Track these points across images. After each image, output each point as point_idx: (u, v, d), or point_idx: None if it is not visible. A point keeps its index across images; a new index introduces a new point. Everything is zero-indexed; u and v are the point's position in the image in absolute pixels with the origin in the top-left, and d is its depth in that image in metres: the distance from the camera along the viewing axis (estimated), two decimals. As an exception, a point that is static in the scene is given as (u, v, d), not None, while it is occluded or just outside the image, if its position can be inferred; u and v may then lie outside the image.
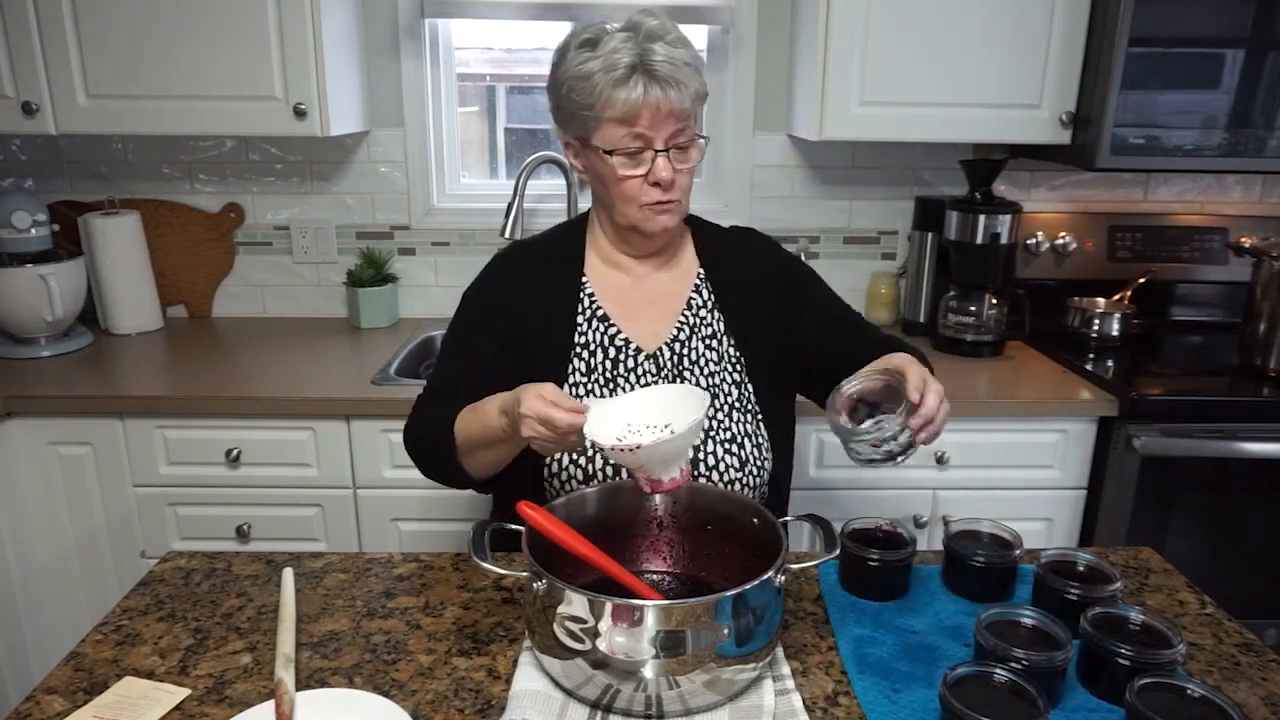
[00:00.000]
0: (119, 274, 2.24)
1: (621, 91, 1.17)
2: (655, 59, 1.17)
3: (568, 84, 1.21)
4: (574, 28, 1.26)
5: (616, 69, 1.17)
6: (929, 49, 1.99)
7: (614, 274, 1.36)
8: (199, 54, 1.94)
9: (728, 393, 1.31)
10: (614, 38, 1.19)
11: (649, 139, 1.21)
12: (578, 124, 1.24)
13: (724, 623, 0.89)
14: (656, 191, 1.24)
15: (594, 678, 0.90)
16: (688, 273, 1.38)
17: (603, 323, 1.32)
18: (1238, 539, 1.96)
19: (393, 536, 1.96)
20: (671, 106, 1.18)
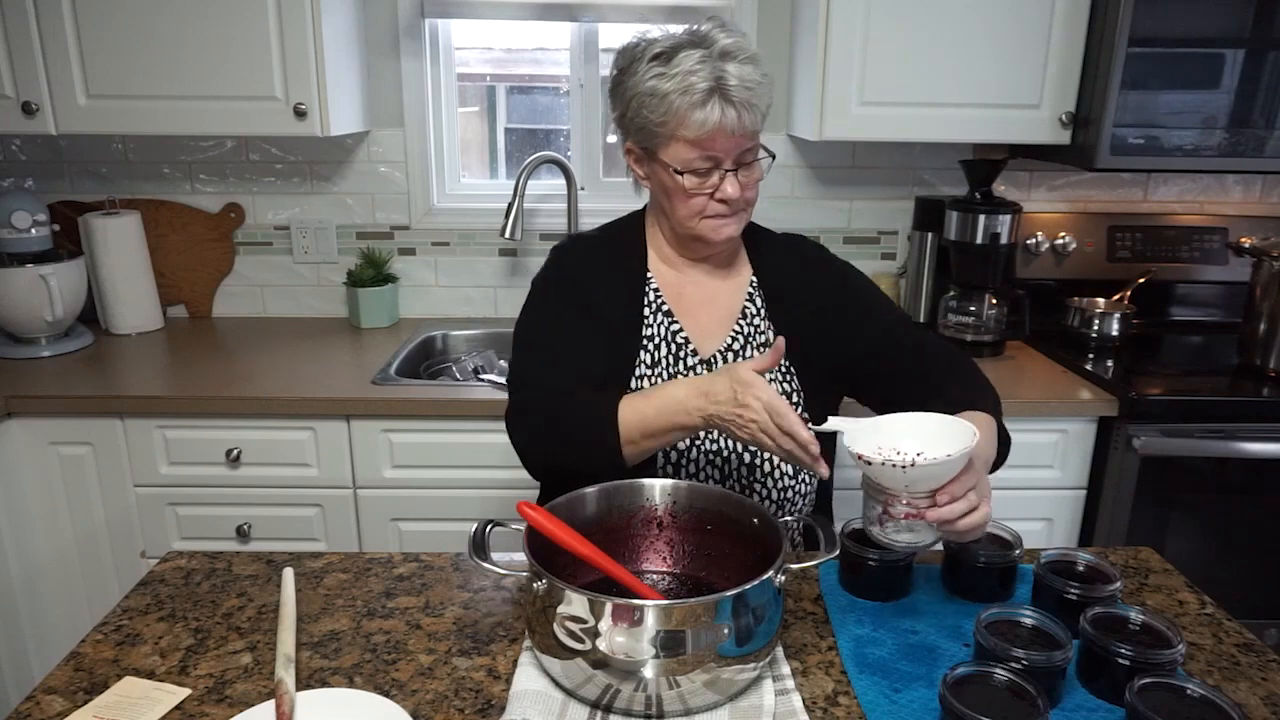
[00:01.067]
0: (119, 274, 2.24)
1: (698, 114, 1.16)
2: (731, 82, 1.16)
3: (638, 99, 1.20)
4: (637, 36, 1.24)
5: (693, 92, 1.15)
6: (929, 49, 1.99)
7: (673, 274, 1.36)
8: (199, 54, 1.94)
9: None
10: (689, 56, 1.17)
11: (719, 159, 1.21)
12: (645, 136, 1.23)
13: (724, 623, 0.89)
14: (721, 207, 1.24)
15: (594, 678, 0.90)
16: (741, 279, 1.38)
17: (667, 317, 1.32)
18: (1238, 539, 1.96)
19: (393, 536, 1.96)
20: (745, 129, 1.19)
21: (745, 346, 1.34)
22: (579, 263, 1.35)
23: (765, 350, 1.34)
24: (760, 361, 1.11)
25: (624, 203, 2.46)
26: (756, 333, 1.35)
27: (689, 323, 1.33)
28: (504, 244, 2.42)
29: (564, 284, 1.34)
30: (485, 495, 1.92)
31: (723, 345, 1.33)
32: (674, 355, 1.31)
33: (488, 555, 0.97)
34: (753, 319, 1.35)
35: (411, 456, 1.90)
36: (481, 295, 2.46)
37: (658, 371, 1.30)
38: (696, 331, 1.33)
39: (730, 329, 1.34)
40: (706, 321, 1.34)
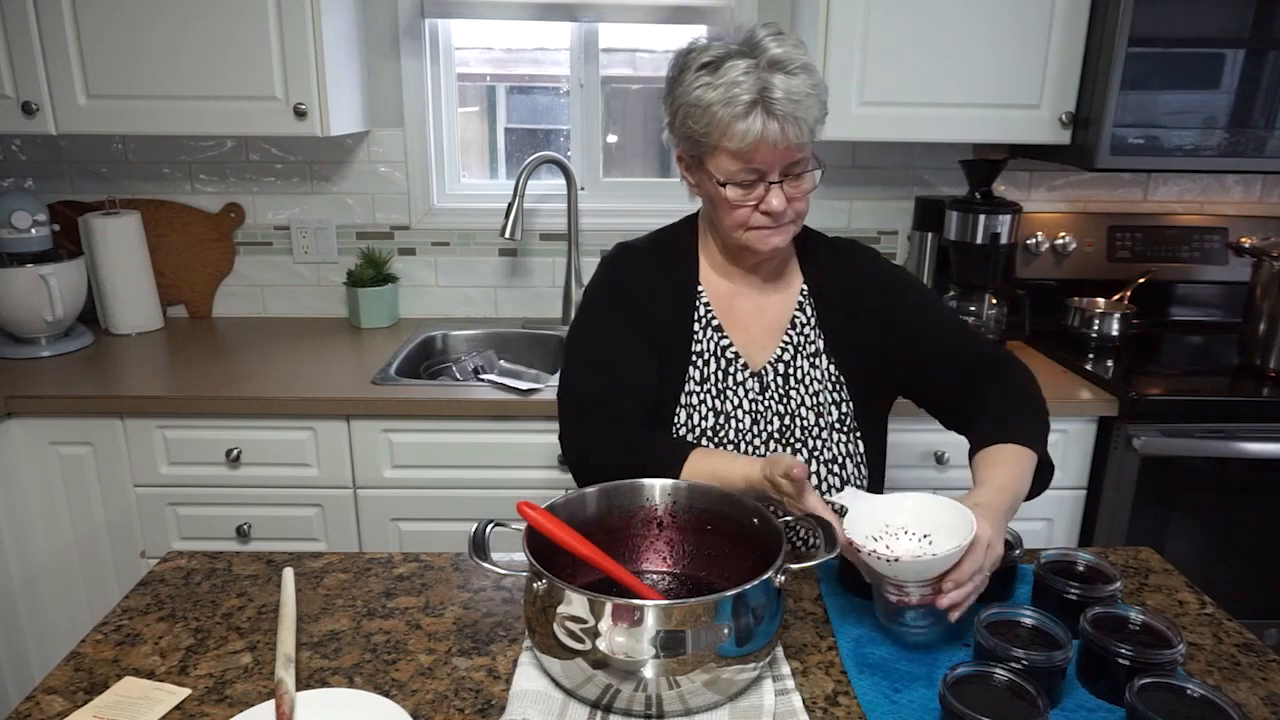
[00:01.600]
0: (119, 274, 2.24)
1: (740, 126, 1.14)
2: (775, 94, 1.13)
3: (684, 108, 1.18)
4: (692, 42, 1.21)
5: (736, 104, 1.13)
6: (929, 49, 1.99)
7: (724, 284, 1.35)
8: (199, 54, 1.94)
9: (829, 412, 1.30)
10: (735, 65, 1.14)
11: (763, 171, 1.19)
12: (691, 144, 1.22)
13: (724, 623, 0.89)
14: (765, 219, 1.22)
15: (594, 678, 0.90)
16: (792, 288, 1.36)
17: (717, 332, 1.32)
18: (1238, 539, 1.96)
19: (393, 536, 1.96)
20: (789, 142, 1.16)
21: (795, 356, 1.32)
22: (630, 274, 1.34)
23: (816, 358, 1.32)
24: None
25: (624, 203, 2.48)
26: (807, 342, 1.33)
27: (739, 336, 1.32)
28: (504, 244, 2.42)
29: (614, 294, 1.32)
30: (485, 495, 1.92)
31: (773, 357, 1.32)
32: (724, 370, 1.30)
33: (488, 555, 0.97)
34: (803, 328, 1.33)
35: (411, 456, 1.90)
36: (481, 295, 2.46)
37: (706, 387, 1.30)
38: (746, 344, 1.32)
39: (780, 340, 1.33)
40: (757, 333, 1.33)
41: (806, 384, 1.31)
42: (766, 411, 1.30)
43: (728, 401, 1.30)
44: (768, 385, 1.31)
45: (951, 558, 0.96)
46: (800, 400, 1.30)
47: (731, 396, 1.30)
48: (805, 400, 1.30)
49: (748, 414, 1.29)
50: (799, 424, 1.30)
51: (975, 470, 1.16)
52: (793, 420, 1.30)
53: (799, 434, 1.29)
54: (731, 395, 1.30)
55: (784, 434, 1.29)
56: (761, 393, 1.30)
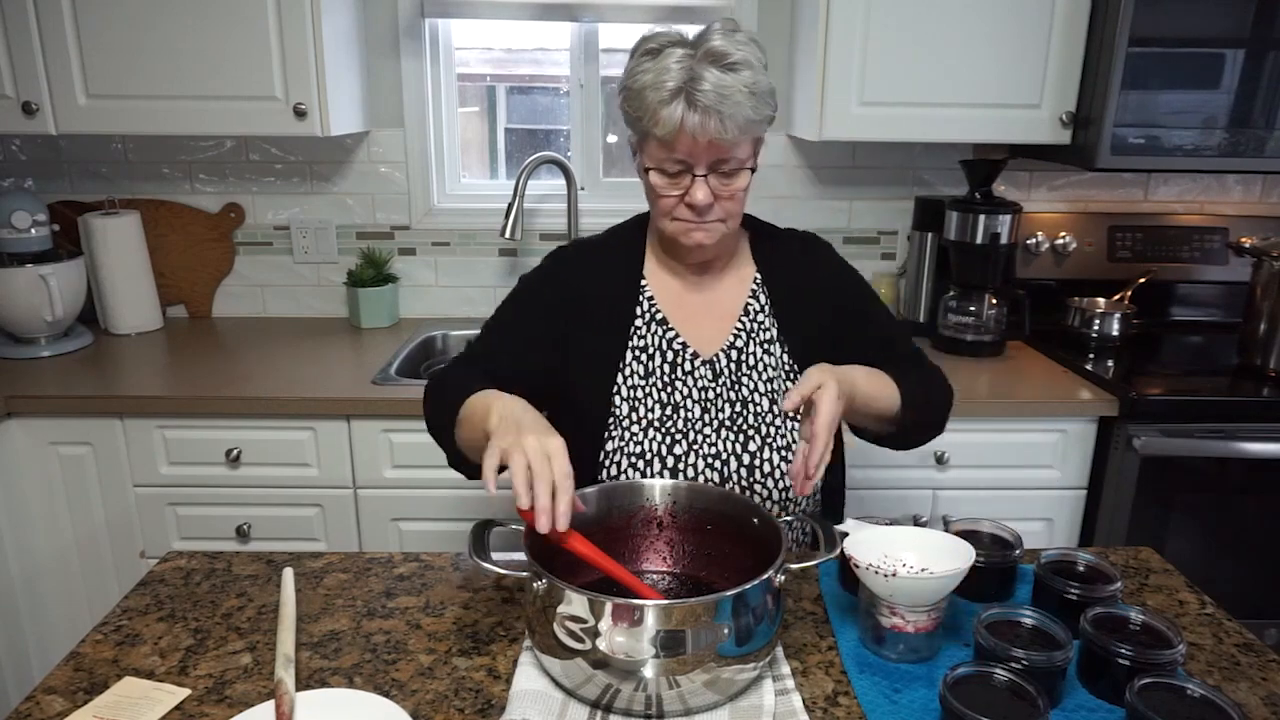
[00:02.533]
0: (119, 274, 2.24)
1: (663, 112, 1.15)
2: (701, 86, 1.13)
3: (626, 91, 1.20)
4: (653, 28, 1.23)
5: (661, 90, 1.14)
6: (929, 49, 1.99)
7: (671, 279, 1.35)
8: (199, 54, 1.94)
9: (783, 400, 1.30)
10: (673, 53, 1.16)
11: (689, 163, 1.19)
12: (633, 130, 1.24)
13: (724, 622, 0.89)
14: (690, 212, 1.22)
15: (594, 677, 0.90)
16: (744, 278, 1.37)
17: (661, 326, 1.31)
18: (1238, 539, 1.96)
19: (393, 536, 1.96)
20: (710, 136, 1.15)
21: (749, 343, 1.33)
22: (573, 269, 1.35)
23: (770, 345, 1.33)
24: None
25: (624, 203, 2.48)
26: (760, 329, 1.34)
27: (688, 328, 1.32)
28: (504, 244, 2.42)
29: (548, 288, 1.34)
30: (485, 495, 1.91)
31: (725, 344, 1.32)
32: (671, 364, 1.30)
33: (488, 555, 0.97)
34: (756, 315, 1.34)
35: (411, 456, 1.90)
36: (481, 295, 2.46)
37: (652, 381, 1.29)
38: (696, 336, 1.32)
39: (732, 327, 1.33)
40: (706, 324, 1.33)
41: (760, 371, 1.31)
42: (718, 399, 1.29)
43: (676, 392, 1.29)
44: (720, 372, 1.30)
45: (949, 581, 0.97)
46: (753, 387, 1.30)
47: (681, 387, 1.29)
48: (759, 387, 1.30)
49: (698, 403, 1.29)
50: (752, 410, 1.29)
51: None
52: (745, 407, 1.29)
53: (752, 420, 1.29)
54: (681, 386, 1.29)
55: (736, 421, 1.28)
56: (714, 380, 1.30)
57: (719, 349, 1.32)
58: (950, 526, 1.18)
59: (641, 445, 1.26)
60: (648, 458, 1.26)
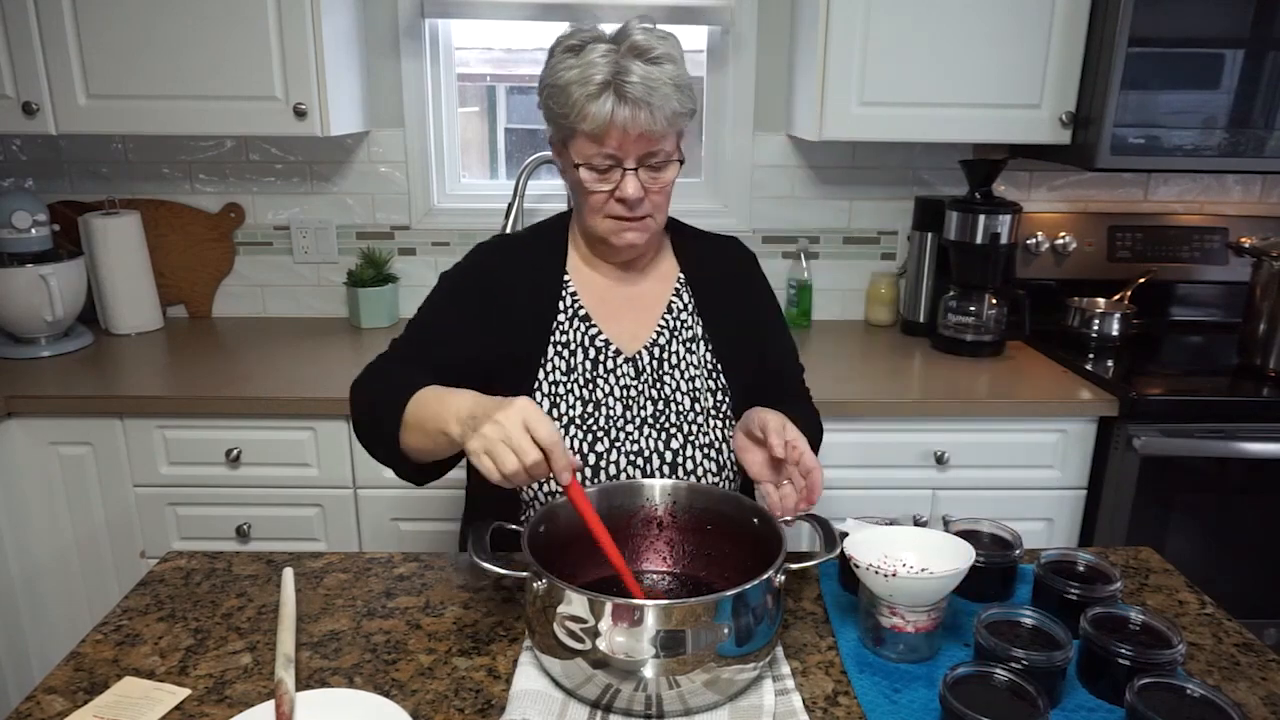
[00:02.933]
0: (119, 274, 2.24)
1: (592, 107, 1.14)
2: (629, 78, 1.14)
3: (548, 89, 1.20)
4: (570, 27, 1.24)
5: (589, 84, 1.14)
6: (929, 49, 1.99)
7: (594, 276, 1.35)
8: (199, 54, 1.94)
9: (705, 398, 1.31)
10: (596, 49, 1.16)
11: (618, 157, 1.19)
12: (557, 129, 1.23)
13: (724, 622, 0.89)
14: (621, 207, 1.22)
15: (594, 677, 0.90)
16: (667, 276, 1.37)
17: (584, 322, 1.31)
18: (1238, 539, 1.96)
19: (393, 536, 1.96)
20: (641, 128, 1.15)
21: (671, 341, 1.32)
22: (494, 264, 1.33)
23: (694, 344, 1.33)
24: None
25: (624, 203, 2.48)
26: (683, 328, 1.34)
27: (610, 325, 1.31)
28: (503, 244, 2.41)
29: (469, 280, 1.32)
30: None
31: (648, 342, 1.32)
32: (593, 360, 1.29)
33: (489, 554, 0.97)
34: (679, 314, 1.34)
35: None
36: (481, 295, 2.45)
37: (574, 377, 1.28)
38: (619, 333, 1.31)
39: (655, 325, 1.33)
40: (629, 323, 1.33)
41: (682, 369, 1.31)
42: (640, 397, 1.29)
43: (598, 390, 1.28)
44: (643, 370, 1.30)
45: (949, 581, 0.97)
46: (676, 385, 1.30)
47: (602, 384, 1.28)
48: (681, 385, 1.30)
49: (619, 400, 1.28)
50: (674, 409, 1.29)
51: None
52: (668, 405, 1.29)
53: (674, 419, 1.28)
54: (603, 383, 1.28)
55: (659, 419, 1.28)
56: (636, 377, 1.29)
57: (641, 346, 1.31)
58: (950, 526, 1.18)
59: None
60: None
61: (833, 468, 1.93)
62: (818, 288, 2.46)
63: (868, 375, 2.04)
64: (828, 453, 1.92)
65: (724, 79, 2.35)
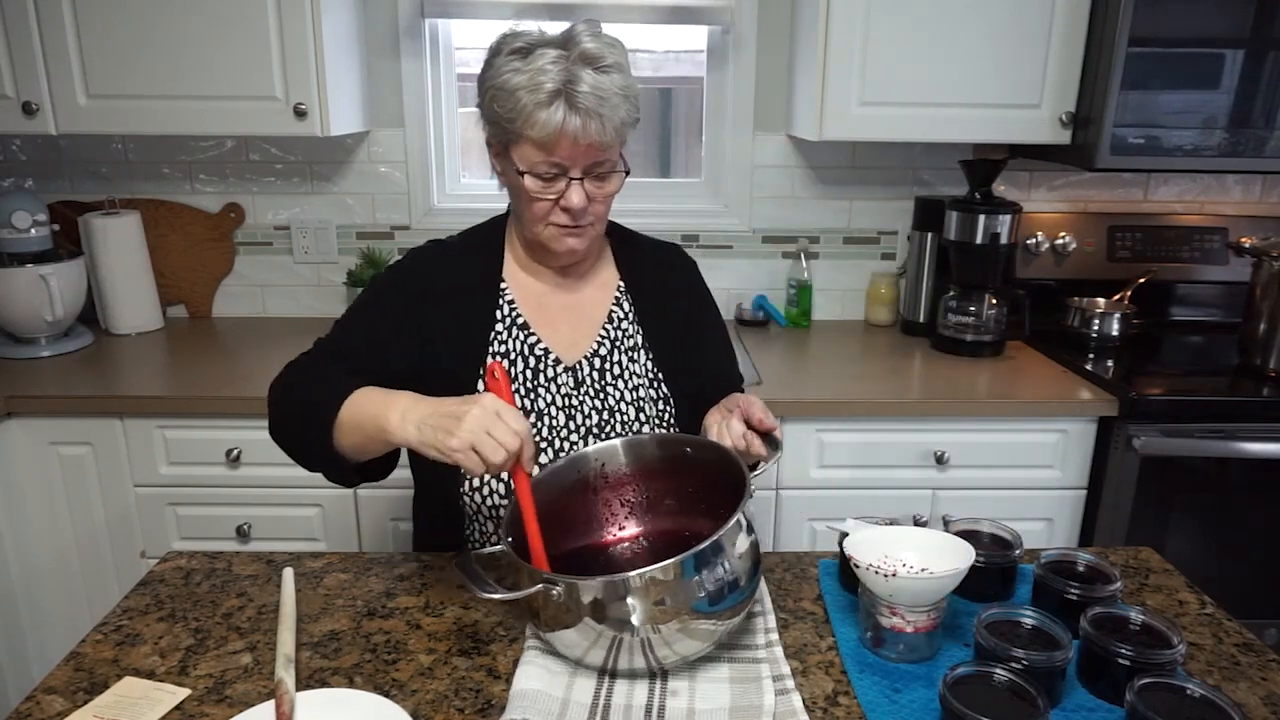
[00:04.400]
0: (119, 274, 2.24)
1: (541, 115, 1.12)
2: (580, 88, 1.11)
3: (492, 91, 1.16)
4: (510, 27, 1.20)
5: (539, 91, 1.11)
6: (929, 49, 1.99)
7: (532, 281, 1.32)
8: (199, 54, 1.94)
9: (648, 408, 1.30)
10: (545, 54, 1.12)
11: (565, 165, 1.16)
12: (498, 131, 1.19)
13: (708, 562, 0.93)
14: (565, 216, 1.20)
15: (613, 641, 0.92)
16: (607, 284, 1.35)
17: (522, 330, 1.28)
18: (1238, 539, 1.96)
19: (393, 536, 1.96)
20: (591, 139, 1.13)
21: (613, 350, 1.31)
22: (430, 267, 1.29)
23: (635, 353, 1.32)
24: None
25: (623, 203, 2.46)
26: (625, 337, 1.32)
27: (549, 333, 1.29)
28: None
29: (402, 285, 1.28)
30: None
31: (588, 351, 1.30)
32: (533, 369, 1.27)
33: (488, 584, 0.96)
34: (620, 323, 1.32)
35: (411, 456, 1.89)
36: (481, 295, 2.45)
37: (514, 387, 1.25)
38: (558, 341, 1.29)
39: (596, 334, 1.31)
40: (568, 330, 1.31)
41: (626, 379, 1.30)
42: (583, 406, 1.27)
43: (539, 399, 1.26)
44: (583, 380, 1.28)
45: (949, 581, 0.97)
46: (619, 395, 1.29)
47: (544, 394, 1.26)
48: (624, 395, 1.29)
49: (561, 410, 1.26)
50: (618, 419, 1.28)
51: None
52: (612, 415, 1.28)
53: (619, 429, 1.27)
54: (544, 393, 1.26)
55: (602, 428, 1.27)
56: (576, 388, 1.28)
57: (582, 356, 1.30)
58: (950, 526, 1.18)
59: None
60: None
61: (833, 468, 1.93)
62: (818, 288, 2.46)
63: (868, 375, 2.05)
64: (828, 453, 1.93)
65: (724, 79, 2.35)
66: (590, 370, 1.29)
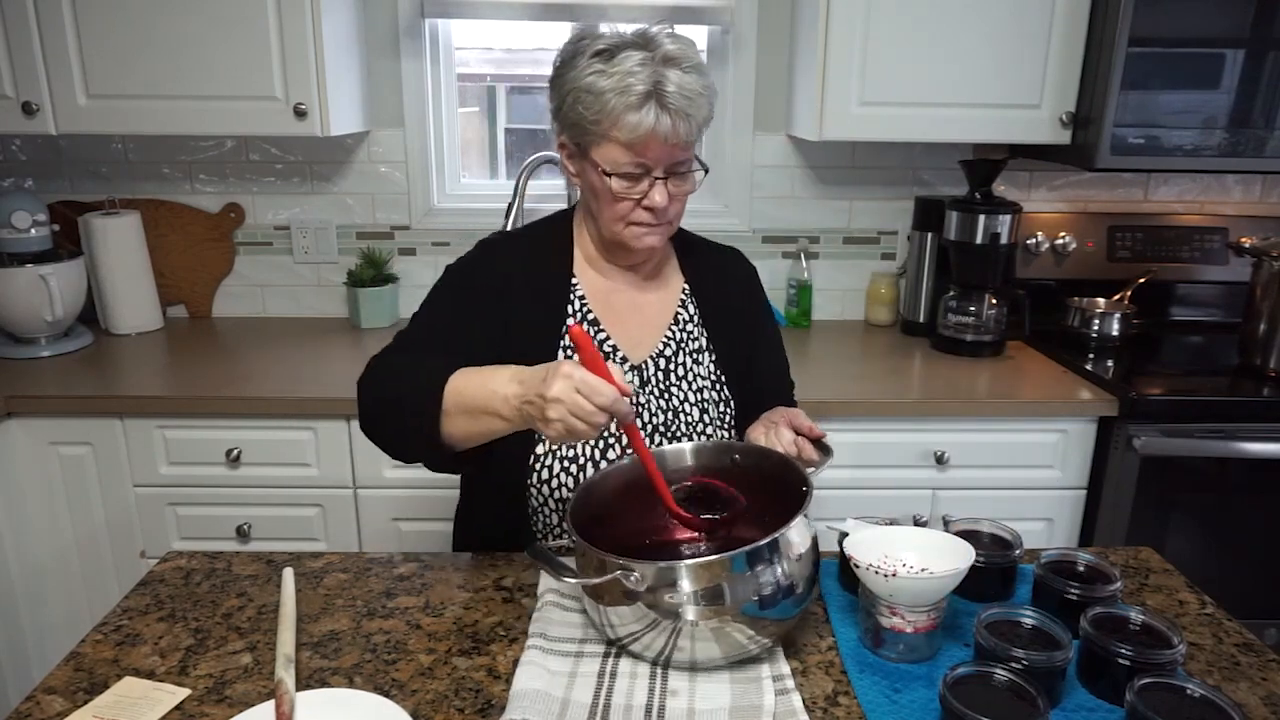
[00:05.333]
0: (119, 274, 2.24)
1: (632, 117, 1.13)
2: (669, 88, 1.13)
3: (575, 92, 1.17)
4: (583, 29, 1.21)
5: (630, 93, 1.13)
6: (929, 49, 1.99)
7: (601, 279, 1.33)
8: (199, 54, 1.94)
9: (711, 409, 1.31)
10: (630, 56, 1.14)
11: (649, 166, 1.18)
12: (578, 132, 1.20)
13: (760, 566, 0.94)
14: (647, 215, 1.22)
15: (655, 623, 0.94)
16: (673, 286, 1.37)
17: (593, 326, 1.30)
18: (1238, 539, 1.96)
19: (393, 536, 1.96)
20: (679, 139, 1.16)
21: (678, 352, 1.32)
22: (504, 259, 1.30)
23: (699, 355, 1.34)
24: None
25: (624, 203, 2.48)
26: (690, 339, 1.34)
27: (617, 331, 1.30)
28: (503, 243, 2.41)
29: (477, 275, 1.29)
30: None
31: (654, 351, 1.31)
32: None
33: (566, 566, 0.98)
34: (685, 324, 1.34)
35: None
36: (481, 295, 2.46)
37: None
38: (625, 339, 1.31)
39: (662, 335, 1.32)
40: (635, 329, 1.32)
41: (690, 380, 1.31)
42: (648, 405, 1.28)
43: None
44: (648, 379, 1.29)
45: (949, 581, 0.97)
46: (684, 396, 1.30)
47: None
48: (688, 396, 1.30)
49: None
50: (683, 419, 1.29)
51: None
52: (676, 416, 1.29)
53: (683, 429, 1.29)
54: None
55: (669, 428, 1.28)
56: (641, 387, 1.29)
57: (648, 355, 1.31)
58: (950, 526, 1.18)
59: (575, 448, 1.25)
60: (580, 461, 1.24)
61: (833, 468, 1.93)
62: (818, 288, 2.46)
63: (868, 375, 2.05)
64: (828, 453, 1.92)
65: (724, 79, 2.35)
66: (655, 370, 1.31)
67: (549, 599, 1.11)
